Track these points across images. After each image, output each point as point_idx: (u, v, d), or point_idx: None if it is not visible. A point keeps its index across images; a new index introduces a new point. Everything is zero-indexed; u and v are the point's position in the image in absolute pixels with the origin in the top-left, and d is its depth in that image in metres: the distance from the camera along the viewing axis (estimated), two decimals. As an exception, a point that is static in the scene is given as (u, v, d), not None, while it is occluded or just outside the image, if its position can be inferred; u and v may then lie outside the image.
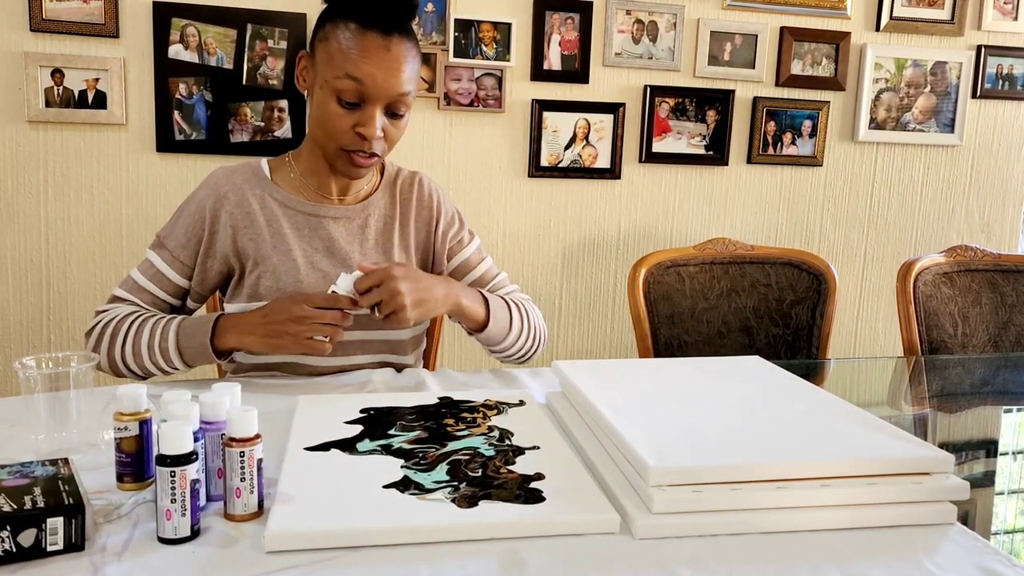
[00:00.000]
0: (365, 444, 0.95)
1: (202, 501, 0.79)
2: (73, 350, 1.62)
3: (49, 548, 0.70)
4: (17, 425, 1.00)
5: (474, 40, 2.53)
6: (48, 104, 2.28)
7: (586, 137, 2.68)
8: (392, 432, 0.99)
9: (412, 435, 0.98)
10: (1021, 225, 3.11)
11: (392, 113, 1.22)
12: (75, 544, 0.71)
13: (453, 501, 0.80)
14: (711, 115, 2.77)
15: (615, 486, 0.84)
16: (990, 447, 1.23)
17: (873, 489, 0.81)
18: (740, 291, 1.90)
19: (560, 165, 2.67)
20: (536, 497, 0.81)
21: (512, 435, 0.99)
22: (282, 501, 0.79)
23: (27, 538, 0.70)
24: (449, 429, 1.01)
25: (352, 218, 1.32)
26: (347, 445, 0.95)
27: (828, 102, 2.86)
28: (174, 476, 0.73)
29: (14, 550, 0.69)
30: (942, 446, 0.89)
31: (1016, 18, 2.95)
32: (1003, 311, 1.93)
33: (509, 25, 2.55)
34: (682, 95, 2.74)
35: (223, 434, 0.80)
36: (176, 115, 2.37)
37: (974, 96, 2.97)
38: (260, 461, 0.78)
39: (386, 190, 1.37)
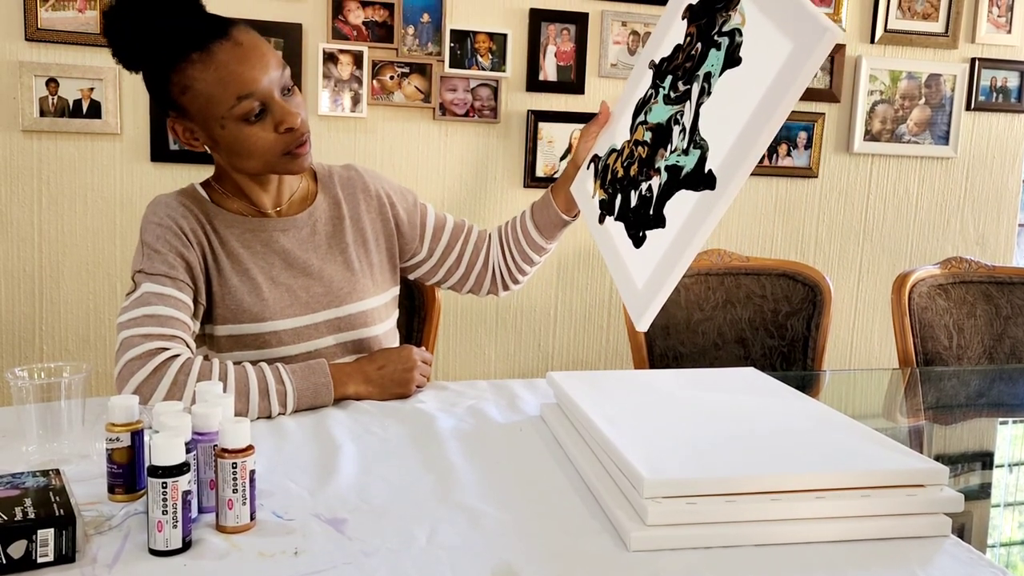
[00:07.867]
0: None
1: (194, 513, 0.79)
2: (65, 360, 1.61)
3: (39, 560, 0.70)
4: (8, 435, 1.00)
5: (470, 51, 2.54)
6: (42, 113, 2.28)
7: (582, 148, 2.68)
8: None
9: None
10: (1015, 237, 3.12)
11: (286, 91, 1.19)
12: (66, 556, 0.71)
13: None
14: (706, 126, 2.77)
15: (609, 498, 0.83)
16: (985, 459, 1.23)
17: (868, 501, 0.80)
18: (735, 302, 1.90)
19: (556, 175, 2.67)
20: None
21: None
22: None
23: (17, 549, 0.69)
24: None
25: (300, 227, 1.30)
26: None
27: (823, 114, 2.87)
28: (165, 487, 0.72)
29: (4, 561, 0.68)
30: (937, 458, 0.89)
31: (1010, 31, 2.97)
32: (998, 323, 1.93)
33: (505, 36, 2.56)
34: (677, 106, 2.74)
35: (215, 445, 0.80)
36: (172, 125, 2.37)
37: (968, 108, 2.98)
38: (252, 472, 0.78)
39: (325, 192, 1.35)
